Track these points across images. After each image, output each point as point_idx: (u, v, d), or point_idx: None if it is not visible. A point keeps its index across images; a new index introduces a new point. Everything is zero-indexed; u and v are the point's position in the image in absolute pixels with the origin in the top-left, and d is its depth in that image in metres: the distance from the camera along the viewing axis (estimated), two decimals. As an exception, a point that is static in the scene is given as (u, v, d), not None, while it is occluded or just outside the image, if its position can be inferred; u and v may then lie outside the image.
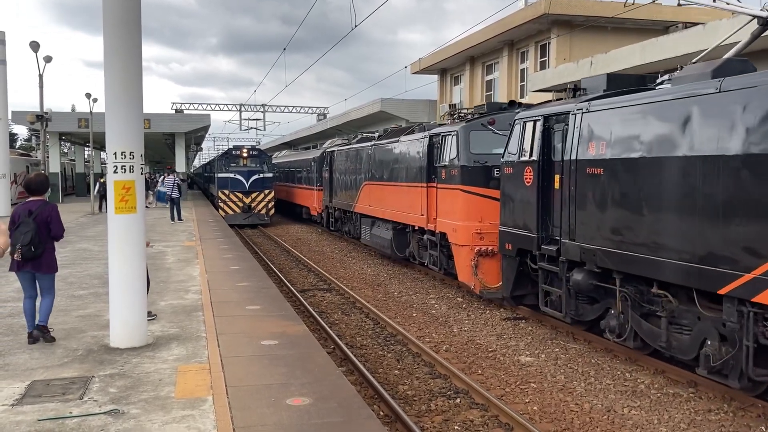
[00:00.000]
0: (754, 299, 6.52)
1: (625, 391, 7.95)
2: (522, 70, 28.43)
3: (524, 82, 27.37)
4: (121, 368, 6.72)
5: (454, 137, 13.26)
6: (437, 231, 13.99)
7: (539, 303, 10.48)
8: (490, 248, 12.24)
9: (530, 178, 10.40)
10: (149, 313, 8.88)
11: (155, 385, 6.22)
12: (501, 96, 29.21)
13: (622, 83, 9.59)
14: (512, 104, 13.83)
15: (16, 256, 7.39)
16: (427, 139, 14.87)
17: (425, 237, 14.87)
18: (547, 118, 10.19)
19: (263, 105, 57.17)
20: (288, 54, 33.18)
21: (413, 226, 15.73)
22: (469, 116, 14.22)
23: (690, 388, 7.93)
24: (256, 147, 35.81)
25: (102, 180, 33.48)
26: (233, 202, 30.62)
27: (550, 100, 11.72)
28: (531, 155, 10.42)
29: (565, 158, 9.49)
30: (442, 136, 14.00)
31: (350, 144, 23.31)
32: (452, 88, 35.76)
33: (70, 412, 5.48)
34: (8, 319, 8.91)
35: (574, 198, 9.19)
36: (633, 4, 11.50)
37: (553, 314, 10.11)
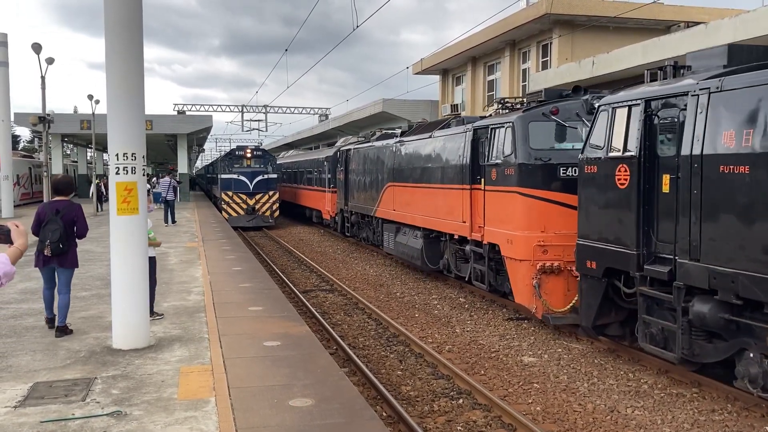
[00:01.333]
0: None
1: (628, 391, 7.93)
2: (524, 70, 28.39)
3: (526, 82, 27.34)
4: (123, 370, 6.73)
5: (509, 130, 11.08)
6: (485, 242, 11.88)
7: (639, 338, 8.22)
8: (555, 264, 10.19)
9: (625, 179, 8.32)
10: (156, 314, 9.06)
11: (158, 386, 6.22)
12: (503, 96, 29.18)
13: (748, 56, 7.78)
14: (577, 90, 11.60)
15: (46, 251, 7.91)
16: (469, 134, 12.68)
17: (467, 248, 12.74)
18: (649, 102, 8.07)
19: (265, 106, 57.22)
20: (290, 55, 33.09)
21: (450, 235, 13.71)
22: (519, 105, 12.32)
23: (693, 388, 7.90)
24: (260, 147, 34.73)
25: (96, 182, 33.51)
26: (237, 203, 29.89)
27: (637, 83, 9.39)
28: (626, 150, 8.27)
29: (682, 153, 7.38)
30: (492, 129, 11.77)
31: (369, 142, 21.10)
32: (454, 88, 35.74)
33: (73, 414, 5.48)
34: (11, 320, 8.92)
35: (699, 205, 7.12)
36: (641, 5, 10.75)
37: (657, 353, 7.94)
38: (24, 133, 75.64)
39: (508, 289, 11.42)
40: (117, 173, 7.38)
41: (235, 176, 30.12)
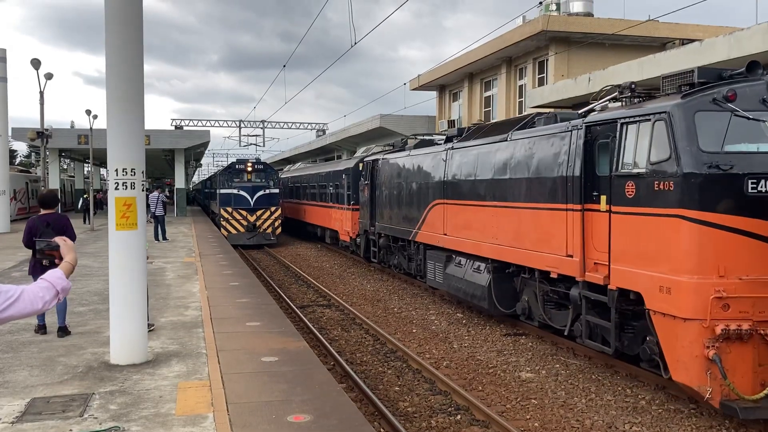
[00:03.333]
0: None
1: (626, 407, 7.93)
2: (520, 87, 28.58)
3: (522, 99, 27.51)
4: (121, 385, 6.71)
5: (660, 124, 7.71)
6: (612, 286, 8.38)
7: None
8: (745, 327, 6.96)
9: None
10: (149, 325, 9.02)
11: (156, 402, 6.21)
12: (500, 112, 29.38)
13: None
14: (753, 67, 7.89)
15: (45, 262, 7.74)
16: (578, 132, 9.29)
17: (574, 293, 9.29)
18: None
19: (263, 121, 57.40)
20: (288, 71, 33.24)
21: (538, 272, 10.38)
22: (664, 92, 8.35)
23: (691, 404, 7.90)
24: (262, 161, 32.45)
25: (85, 196, 33.63)
26: (236, 220, 28.12)
27: None
28: None
29: None
30: (624, 124, 8.35)
31: (404, 150, 17.66)
32: (451, 104, 35.93)
33: (71, 430, 5.47)
34: (8, 336, 8.90)
35: None
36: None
37: None
38: (21, 147, 75.70)
39: (651, 356, 7.99)
40: (116, 188, 7.41)
41: (235, 191, 28.48)
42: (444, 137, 15.89)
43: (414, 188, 15.83)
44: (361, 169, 21.59)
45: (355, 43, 18.42)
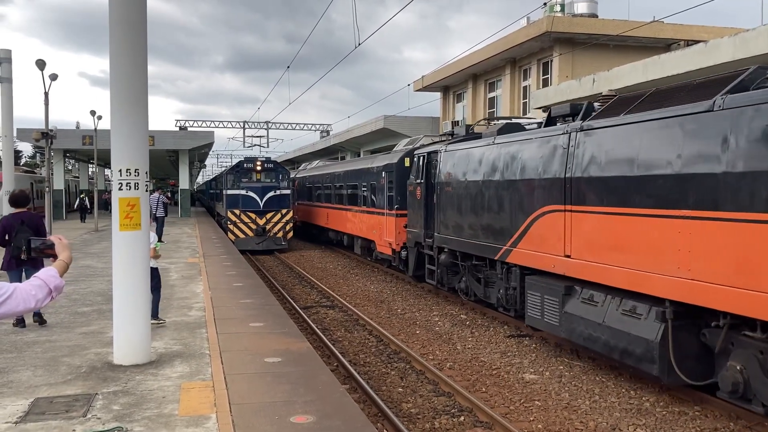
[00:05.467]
0: None
1: (630, 409, 7.90)
2: (524, 88, 28.57)
3: (527, 100, 27.49)
4: (124, 385, 6.71)
5: None
6: None
7: None
8: None
9: None
10: (159, 319, 9.48)
11: (159, 402, 6.21)
12: (503, 114, 29.34)
13: None
14: None
15: (23, 256, 8.25)
16: None
17: None
18: None
19: (267, 122, 57.50)
20: (293, 72, 33.03)
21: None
22: None
23: (696, 406, 7.88)
24: (272, 159, 29.64)
25: (82, 195, 33.77)
26: (245, 223, 26.24)
27: None
28: None
29: None
30: None
31: (485, 137, 12.97)
32: (455, 105, 35.93)
33: (74, 430, 5.47)
34: (12, 336, 8.92)
35: None
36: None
37: None
38: (26, 148, 75.93)
39: None
40: (120, 189, 7.41)
41: (243, 192, 26.51)
42: (536, 119, 12.69)
43: (503, 189, 11.55)
44: (407, 164, 17.51)
45: (359, 45, 18.42)
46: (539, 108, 23.00)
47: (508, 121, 14.25)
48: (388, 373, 9.57)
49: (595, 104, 9.97)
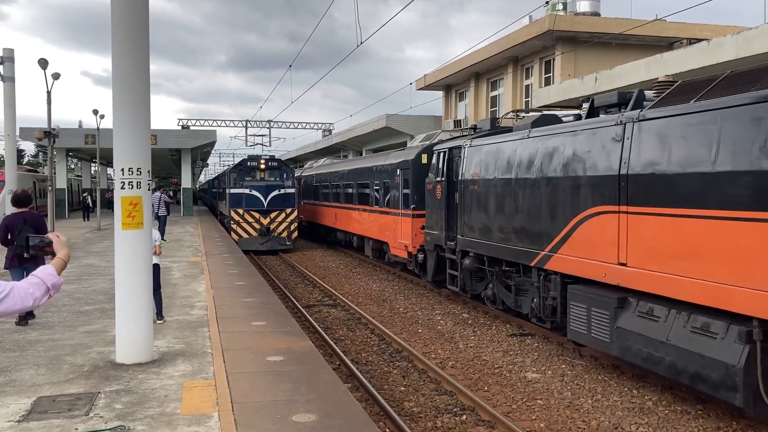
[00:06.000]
0: None
1: (632, 408, 7.89)
2: (527, 86, 28.54)
3: (529, 98, 27.47)
4: (126, 384, 6.72)
5: None
6: None
7: None
8: None
9: None
10: (160, 315, 9.67)
11: (161, 401, 6.21)
12: (505, 112, 29.31)
13: None
14: None
15: (25, 254, 8.41)
16: None
17: None
18: None
19: (269, 121, 57.52)
20: (295, 71, 32.91)
21: None
22: None
23: (698, 405, 7.87)
24: (276, 158, 28.95)
25: (84, 195, 33.87)
26: (248, 223, 25.63)
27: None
28: None
29: None
30: None
31: (518, 131, 11.62)
32: (457, 104, 35.91)
33: (76, 429, 5.48)
34: (15, 334, 8.93)
35: None
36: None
37: None
38: (29, 147, 76.05)
39: None
40: (122, 188, 7.42)
41: (246, 191, 25.89)
42: (571, 111, 11.81)
43: (541, 187, 10.37)
44: (424, 161, 16.55)
45: (361, 43, 18.42)
46: (541, 107, 22.99)
47: (542, 113, 12.51)
48: (390, 372, 9.57)
49: (647, 92, 9.05)
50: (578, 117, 10.79)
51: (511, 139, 11.56)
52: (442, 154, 14.63)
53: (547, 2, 24.57)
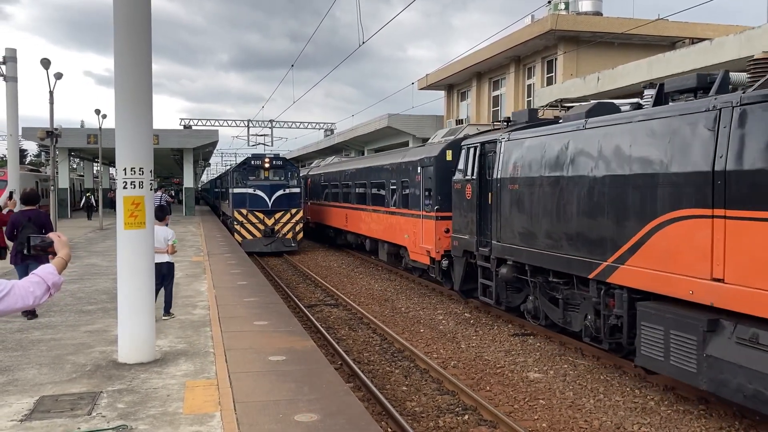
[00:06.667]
0: None
1: (634, 407, 7.89)
2: (529, 86, 28.52)
3: (531, 98, 27.45)
4: (129, 384, 6.73)
5: None
6: None
7: None
8: None
9: None
10: (169, 312, 9.91)
11: (163, 400, 6.22)
12: (508, 112, 29.32)
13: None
14: None
15: (25, 251, 8.66)
16: None
17: None
18: None
19: (271, 121, 57.55)
20: (297, 70, 32.73)
21: None
22: None
23: (700, 404, 7.86)
24: (281, 156, 27.87)
25: (87, 195, 33.95)
26: (252, 224, 24.87)
27: None
28: None
29: None
30: None
31: (568, 122, 10.22)
32: (459, 103, 35.89)
33: (79, 428, 5.48)
34: (17, 334, 8.94)
35: None
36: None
37: None
38: (31, 147, 76.11)
39: None
40: (124, 187, 7.42)
41: (250, 191, 25.11)
42: (626, 100, 10.53)
43: (603, 186, 8.90)
44: (449, 157, 15.20)
45: (363, 43, 18.42)
46: (543, 107, 22.97)
47: (598, 101, 10.92)
48: (392, 371, 9.57)
49: (732, 75, 7.97)
50: (637, 106, 9.53)
51: (562, 130, 10.07)
52: (472, 150, 13.17)
53: (549, 2, 24.53)
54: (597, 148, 9.06)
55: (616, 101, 10.65)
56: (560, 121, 10.81)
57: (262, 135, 57.60)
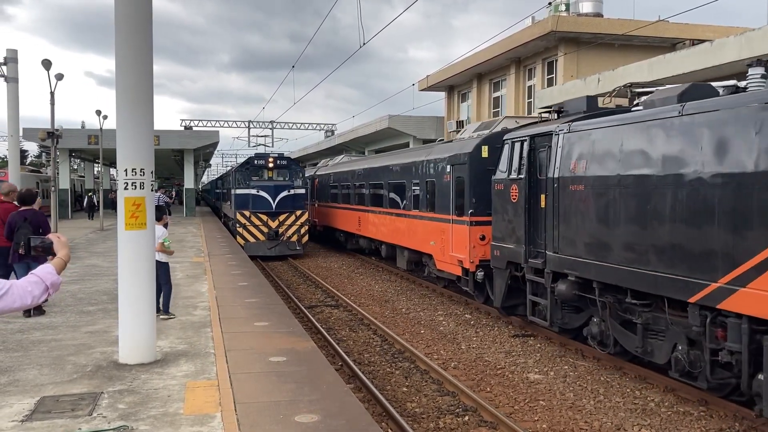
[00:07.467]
0: None
1: (635, 409, 7.89)
2: (529, 87, 28.53)
3: (531, 99, 27.46)
4: (130, 384, 6.74)
5: None
6: None
7: None
8: None
9: None
10: (168, 312, 9.94)
11: (164, 401, 6.22)
12: (508, 113, 29.32)
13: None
14: None
15: (21, 251, 9.25)
16: None
17: None
18: None
19: (272, 122, 57.59)
20: (298, 71, 32.66)
21: None
22: None
23: (701, 406, 7.86)
24: (285, 155, 26.76)
25: (89, 194, 34.02)
26: (255, 226, 23.77)
27: None
28: None
29: None
30: None
31: (657, 109, 8.37)
32: (459, 104, 35.90)
33: (80, 429, 5.49)
34: (18, 335, 8.95)
35: None
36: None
37: None
38: (32, 147, 76.16)
39: None
40: (125, 188, 7.43)
41: (253, 191, 24.02)
42: (723, 83, 8.66)
43: (711, 188, 7.15)
44: (485, 154, 13.42)
45: (364, 44, 18.43)
46: (543, 108, 22.99)
47: (692, 83, 9.02)
48: (393, 372, 9.58)
49: None
50: (736, 89, 8.19)
51: (648, 119, 8.26)
52: (518, 145, 11.35)
53: (549, 3, 24.55)
54: (703, 140, 7.28)
55: (713, 84, 8.78)
56: (637, 108, 9.16)
57: (263, 136, 57.67)
